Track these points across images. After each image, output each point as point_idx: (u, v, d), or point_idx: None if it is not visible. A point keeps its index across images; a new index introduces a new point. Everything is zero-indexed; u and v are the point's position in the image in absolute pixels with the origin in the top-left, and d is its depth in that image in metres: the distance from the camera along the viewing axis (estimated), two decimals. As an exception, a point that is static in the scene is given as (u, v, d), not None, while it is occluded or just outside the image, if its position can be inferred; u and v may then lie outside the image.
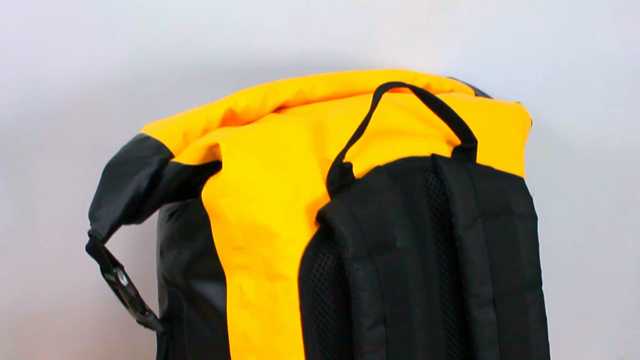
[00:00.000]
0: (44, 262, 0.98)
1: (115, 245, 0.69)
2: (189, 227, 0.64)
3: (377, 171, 0.62)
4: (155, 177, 0.63)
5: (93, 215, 0.63)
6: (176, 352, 0.66)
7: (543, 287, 0.67)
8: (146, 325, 0.66)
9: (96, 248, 0.63)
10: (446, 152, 0.66)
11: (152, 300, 0.69)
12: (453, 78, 0.82)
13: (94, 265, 0.65)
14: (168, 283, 0.66)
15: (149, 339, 0.76)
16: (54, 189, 0.92)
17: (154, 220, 0.70)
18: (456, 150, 0.66)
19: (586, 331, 1.03)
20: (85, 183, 0.76)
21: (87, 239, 0.63)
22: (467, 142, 0.66)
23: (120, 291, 0.65)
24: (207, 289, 0.62)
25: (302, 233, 0.59)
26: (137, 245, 0.91)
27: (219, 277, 0.62)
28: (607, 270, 0.99)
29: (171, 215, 0.66)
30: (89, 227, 0.63)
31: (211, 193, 0.60)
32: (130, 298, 0.64)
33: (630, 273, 1.00)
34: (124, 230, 0.71)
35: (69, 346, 1.02)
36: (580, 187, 0.93)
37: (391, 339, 0.58)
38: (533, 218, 0.66)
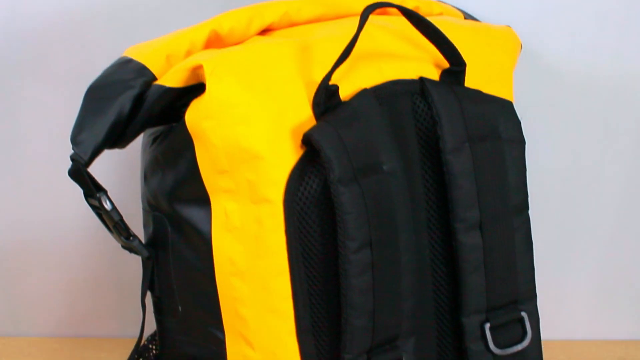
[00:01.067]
0: (28, 191, 0.97)
1: (99, 171, 0.68)
2: (172, 151, 0.63)
3: (363, 94, 0.61)
4: (138, 100, 0.62)
5: (75, 139, 0.62)
6: (161, 277, 0.66)
7: (529, 213, 0.67)
8: (131, 250, 0.66)
9: (79, 172, 0.62)
10: (434, 75, 0.65)
11: (137, 226, 0.69)
12: (442, 1, 0.81)
13: (78, 192, 0.64)
14: (152, 208, 0.66)
15: (135, 265, 0.76)
16: (36, 115, 0.90)
17: (138, 144, 0.70)
18: (444, 73, 0.65)
19: (571, 257, 1.04)
20: (68, 108, 0.75)
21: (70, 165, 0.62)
22: (455, 65, 0.65)
23: (104, 216, 0.64)
24: (192, 213, 0.62)
25: (288, 156, 0.58)
26: (121, 171, 0.90)
27: (203, 201, 0.61)
28: (592, 196, 0.99)
29: (155, 140, 0.65)
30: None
31: (195, 115, 0.59)
32: (114, 223, 0.64)
33: (615, 200, 1.00)
34: (108, 156, 0.70)
35: (55, 274, 1.02)
36: (568, 113, 0.92)
37: (377, 262, 0.58)
38: (521, 142, 0.65)
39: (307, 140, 0.58)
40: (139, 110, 0.62)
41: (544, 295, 0.69)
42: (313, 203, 0.59)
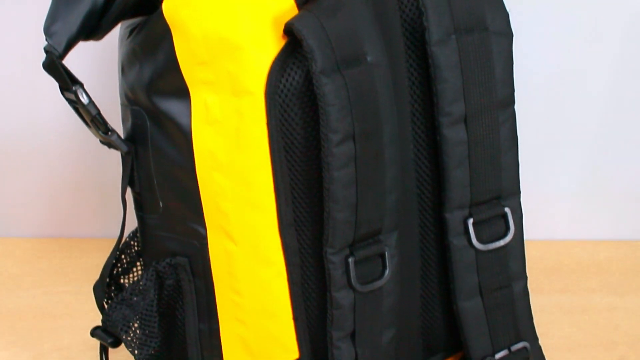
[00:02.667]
0: (4, 89, 0.95)
1: (76, 65, 0.66)
2: (150, 42, 0.61)
3: (347, -18, 0.59)
4: (113, -11, 0.59)
5: (48, 30, 0.60)
6: (141, 173, 0.65)
7: (515, 107, 0.66)
8: (110, 145, 0.65)
9: (53, 64, 0.60)
10: (421, -36, 0.62)
11: (116, 122, 0.67)
12: None
13: (56, 90, 0.63)
14: (131, 102, 0.64)
15: (115, 164, 0.75)
16: (8, 8, 0.88)
17: (115, 38, 0.68)
18: (431, -38, 0.63)
19: (554, 156, 1.04)
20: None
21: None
22: (442, -46, 0.62)
23: (81, 110, 0.63)
24: (171, 106, 0.61)
25: (269, 47, 0.57)
26: (99, 66, 0.88)
27: (182, 93, 0.60)
28: (578, 95, 0.99)
29: (131, 31, 0.63)
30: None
31: (172, 4, 0.57)
32: (91, 117, 0.62)
33: (601, 99, 1.00)
34: (85, 51, 0.68)
35: (36, 175, 1.01)
36: (557, 6, 0.90)
37: (360, 155, 0.57)
38: (508, 35, 0.63)
39: (289, 30, 0.56)
40: (114, 0, 0.59)
41: (525, 195, 0.69)
42: (295, 95, 0.57)
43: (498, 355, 0.68)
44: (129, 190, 0.67)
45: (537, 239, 1.08)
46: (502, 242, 0.66)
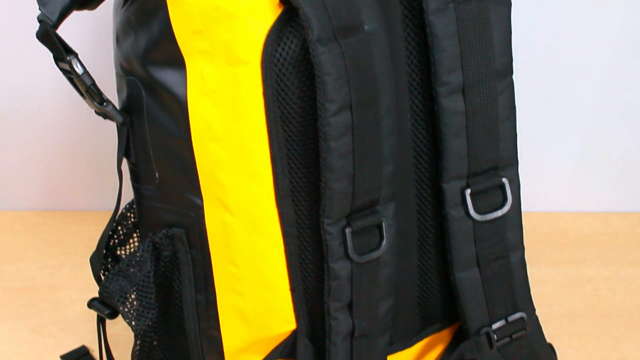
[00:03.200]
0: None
1: (70, 35, 0.65)
2: (144, 11, 0.60)
3: (344, -50, 0.58)
4: (107, -43, 0.59)
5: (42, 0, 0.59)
6: (137, 144, 0.64)
7: (513, 77, 0.65)
8: (105, 116, 0.64)
9: (47, 34, 0.59)
10: None
11: (111, 93, 0.67)
12: None
13: (50, 60, 0.62)
14: (126, 72, 0.64)
15: (111, 136, 0.74)
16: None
17: (110, 6, 0.67)
18: None
19: (552, 126, 1.03)
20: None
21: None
22: None
23: (75, 80, 0.62)
24: (167, 76, 0.60)
25: (265, 15, 0.56)
26: (93, 35, 0.87)
27: (178, 63, 0.59)
28: (577, 65, 0.98)
29: (126, 1, 0.62)
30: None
31: (167, -28, 0.56)
32: (86, 87, 0.62)
33: (600, 69, 0.99)
34: (80, 21, 0.67)
35: (31, 147, 1.01)
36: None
37: (357, 125, 0.57)
38: (507, 3, 0.63)
39: (285, -2, 0.56)
40: (108, -32, 0.59)
41: (523, 166, 0.69)
42: (291, 64, 0.57)
43: (495, 326, 0.68)
44: (125, 162, 0.67)
45: (534, 210, 1.08)
46: (499, 213, 0.66)
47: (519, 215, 0.68)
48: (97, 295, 0.68)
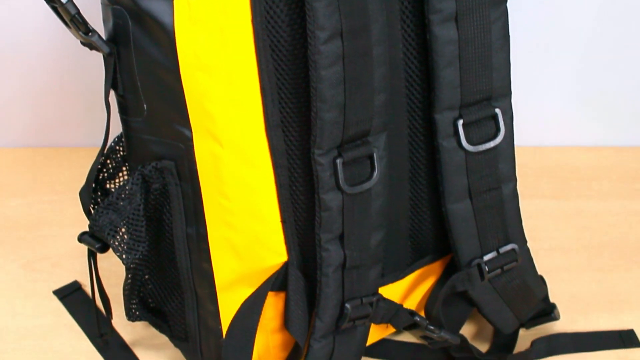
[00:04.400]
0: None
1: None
2: (129, -63, 0.58)
3: None
4: None
5: None
6: (124, 75, 0.63)
7: (508, 5, 0.64)
8: (91, 46, 0.63)
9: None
10: None
11: (97, 23, 0.65)
12: None
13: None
14: (111, 1, 0.62)
15: (99, 70, 0.73)
16: None
17: None
18: None
19: (546, 59, 1.02)
20: None
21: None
22: None
23: (59, 9, 0.60)
24: (153, 4, 0.58)
25: (253, -61, 0.54)
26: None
27: (164, -10, 0.57)
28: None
29: None
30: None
31: None
32: (70, 16, 0.60)
33: (596, 2, 0.98)
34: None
35: (16, 81, 0.99)
36: None
37: (348, 53, 0.56)
38: None
39: None
40: None
41: (516, 100, 0.68)
42: None
43: (486, 257, 0.68)
44: (112, 94, 0.66)
45: (527, 144, 1.07)
46: (492, 144, 0.65)
47: (512, 147, 0.67)
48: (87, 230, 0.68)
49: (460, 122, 0.64)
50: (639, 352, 0.77)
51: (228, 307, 0.64)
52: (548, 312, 0.78)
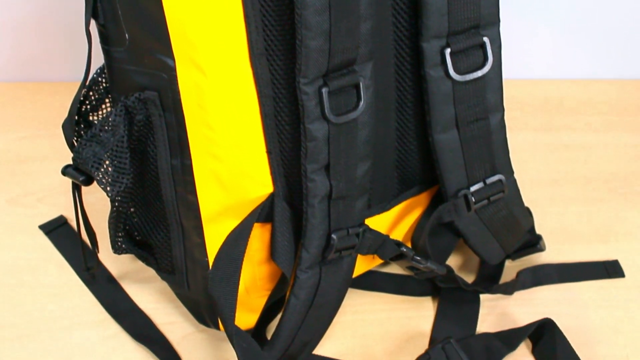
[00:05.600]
0: None
1: None
2: None
3: None
4: None
5: None
6: (105, 3, 0.61)
7: None
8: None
9: None
10: None
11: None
12: None
13: None
14: None
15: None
16: None
17: None
18: None
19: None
20: None
21: None
22: None
23: None
24: None
25: None
26: None
27: None
28: None
29: None
30: None
31: None
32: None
33: None
34: None
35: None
36: None
37: None
38: None
39: None
40: None
41: (505, 32, 0.67)
42: None
43: (473, 188, 0.68)
44: (93, 24, 0.64)
45: (516, 77, 1.07)
46: (479, 73, 0.65)
47: (500, 76, 0.67)
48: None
49: (448, 50, 0.63)
50: (623, 282, 0.77)
51: (214, 239, 0.64)
52: (534, 243, 0.78)
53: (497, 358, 0.69)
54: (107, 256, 0.79)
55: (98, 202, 0.83)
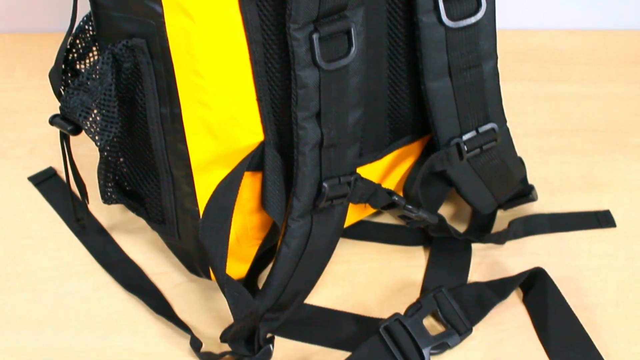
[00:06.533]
0: None
1: None
2: None
3: None
4: None
5: None
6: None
7: None
8: None
9: None
10: None
11: None
12: None
13: None
14: None
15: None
16: None
17: None
18: None
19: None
20: None
21: None
22: None
23: None
24: None
25: None
26: None
27: None
28: None
29: None
30: None
31: None
32: None
33: None
34: None
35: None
36: None
37: None
38: None
39: None
40: None
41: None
42: None
43: (465, 137, 0.68)
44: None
45: (508, 27, 1.05)
46: (473, 20, 0.64)
47: (493, 23, 0.66)
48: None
49: (441, -3, 0.62)
50: (614, 232, 0.78)
51: (204, 189, 0.63)
52: (526, 193, 0.78)
53: (488, 307, 0.69)
54: (97, 207, 0.78)
55: (88, 154, 0.82)
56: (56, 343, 0.67)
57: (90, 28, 0.68)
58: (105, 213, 0.79)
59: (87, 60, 0.69)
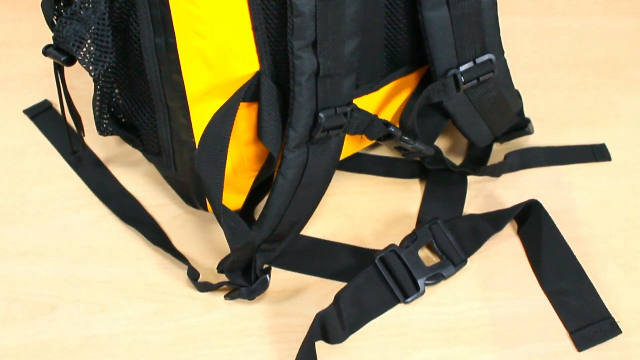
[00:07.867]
0: None
1: None
2: None
3: None
4: None
5: None
6: None
7: None
8: None
9: None
10: None
11: None
12: None
13: None
14: None
15: None
16: None
17: None
18: None
19: None
20: None
21: None
22: None
23: None
24: None
25: None
26: None
27: None
28: None
29: None
30: None
31: None
32: None
33: None
34: None
35: None
36: None
37: None
38: None
39: None
40: None
41: None
42: None
43: (462, 68, 0.67)
44: None
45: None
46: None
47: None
48: (55, 46, 0.66)
49: None
50: (609, 165, 0.78)
51: (200, 120, 0.63)
52: (522, 126, 0.78)
53: (483, 238, 0.69)
54: (93, 140, 0.78)
55: (83, 87, 0.81)
56: (57, 272, 0.68)
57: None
58: (102, 146, 0.79)
59: (80, -10, 0.68)
